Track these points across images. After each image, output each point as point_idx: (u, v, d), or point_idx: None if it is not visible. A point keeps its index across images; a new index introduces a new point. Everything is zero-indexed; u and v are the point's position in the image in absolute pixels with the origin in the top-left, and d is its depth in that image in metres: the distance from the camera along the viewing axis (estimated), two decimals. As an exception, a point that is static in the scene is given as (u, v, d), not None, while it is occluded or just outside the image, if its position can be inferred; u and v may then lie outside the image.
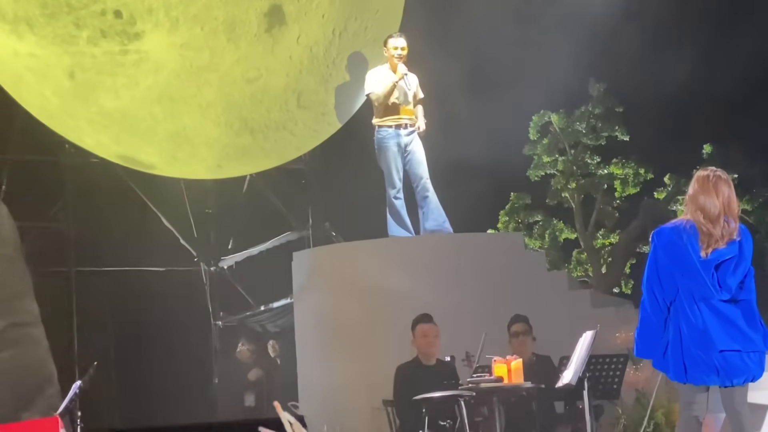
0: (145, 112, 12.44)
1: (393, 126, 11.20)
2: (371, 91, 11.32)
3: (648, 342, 6.84)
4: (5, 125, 12.66)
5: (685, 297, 6.69)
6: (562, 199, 18.03)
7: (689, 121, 16.46)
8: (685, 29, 15.51)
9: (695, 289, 6.66)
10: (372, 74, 11.41)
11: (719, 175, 6.91)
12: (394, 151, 11.20)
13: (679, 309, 6.71)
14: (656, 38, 15.62)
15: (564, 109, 17.84)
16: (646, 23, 15.22)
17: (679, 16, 15.88)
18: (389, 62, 11.31)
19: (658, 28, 15.60)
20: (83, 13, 11.83)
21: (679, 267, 6.68)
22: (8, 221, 9.69)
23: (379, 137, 11.25)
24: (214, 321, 14.40)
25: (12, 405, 8.68)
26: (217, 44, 12.55)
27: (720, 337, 6.62)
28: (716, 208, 6.71)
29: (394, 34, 11.46)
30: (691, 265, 6.66)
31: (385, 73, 11.32)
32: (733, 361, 6.65)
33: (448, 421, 8.97)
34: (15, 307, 9.39)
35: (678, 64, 15.42)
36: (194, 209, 14.38)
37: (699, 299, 6.66)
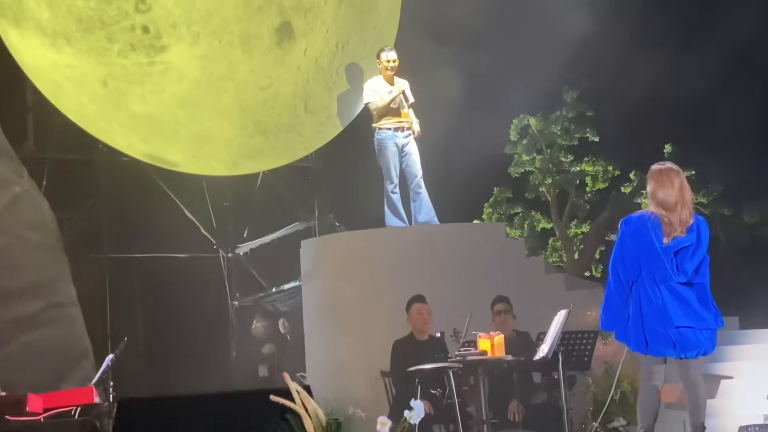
0: (169, 116, 12.43)
1: (392, 128, 11.22)
2: (370, 101, 11.32)
3: (611, 317, 6.89)
4: (46, 128, 12.64)
5: (647, 278, 6.73)
6: (540, 193, 18.04)
7: (652, 123, 16.47)
8: (649, 41, 15.52)
9: (656, 271, 6.70)
10: (369, 85, 11.41)
11: (670, 167, 6.98)
12: (393, 150, 11.21)
13: (641, 288, 6.75)
14: (623, 49, 15.63)
15: (541, 114, 17.84)
16: (615, 36, 15.22)
17: (643, 29, 15.88)
18: (382, 73, 11.32)
19: (625, 40, 15.60)
20: (114, 28, 11.82)
21: (643, 252, 6.72)
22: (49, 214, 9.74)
23: (380, 138, 11.25)
24: (231, 301, 14.41)
25: (52, 376, 8.72)
26: (234, 56, 12.54)
27: (677, 314, 6.67)
28: (672, 197, 6.76)
29: (385, 48, 11.47)
30: (654, 251, 6.70)
31: (380, 83, 11.33)
32: (688, 336, 6.69)
33: (439, 390, 8.99)
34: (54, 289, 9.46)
35: (642, 72, 15.42)
36: (213, 202, 14.37)
37: (660, 281, 6.70)
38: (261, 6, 12.66)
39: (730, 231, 17.06)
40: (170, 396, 5.97)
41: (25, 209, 10.76)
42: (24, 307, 10.39)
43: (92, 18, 11.69)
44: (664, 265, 6.68)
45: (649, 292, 6.70)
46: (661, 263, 6.68)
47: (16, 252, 10.51)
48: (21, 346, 10.13)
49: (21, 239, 10.59)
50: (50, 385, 8.99)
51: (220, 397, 5.69)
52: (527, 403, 9.34)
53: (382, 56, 11.30)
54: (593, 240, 17.85)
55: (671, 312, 6.66)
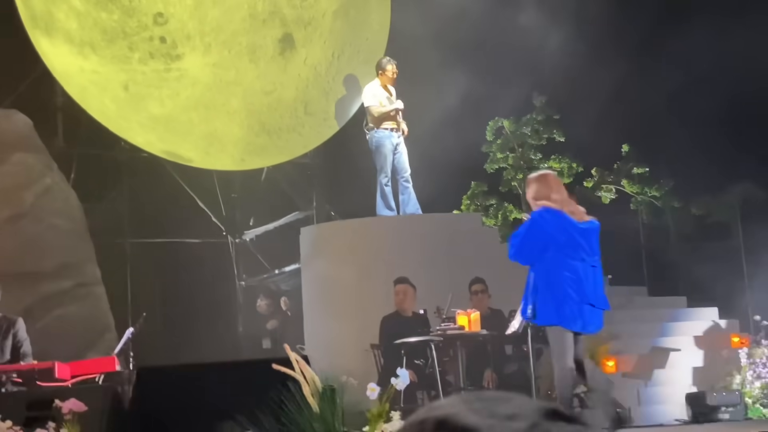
0: (184, 117, 12.39)
1: (389, 129, 11.17)
2: (370, 105, 11.25)
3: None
4: (74, 127, 12.59)
5: (562, 257, 6.68)
6: (512, 187, 17.98)
7: (612, 124, 16.46)
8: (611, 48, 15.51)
9: (574, 250, 6.68)
10: (369, 89, 11.35)
11: (545, 173, 7.15)
12: (389, 148, 11.18)
13: (556, 266, 6.68)
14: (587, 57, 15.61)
15: (513, 116, 17.81)
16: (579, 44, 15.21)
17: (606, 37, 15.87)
18: (380, 79, 11.26)
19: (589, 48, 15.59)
20: (135, 39, 11.77)
21: (563, 233, 6.69)
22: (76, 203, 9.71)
23: (378, 137, 11.19)
24: (239, 281, 14.38)
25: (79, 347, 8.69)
26: (241, 64, 12.50)
27: (589, 291, 6.66)
28: (559, 195, 6.87)
29: (390, 60, 11.39)
30: (573, 231, 6.70)
31: (380, 89, 11.29)
32: (591, 313, 6.69)
33: (422, 360, 8.99)
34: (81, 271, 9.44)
35: (604, 79, 15.41)
36: (223, 194, 14.33)
37: (577, 259, 6.69)
38: (266, 20, 12.62)
39: (680, 221, 17.07)
40: (184, 365, 5.96)
41: (54, 199, 10.73)
42: (54, 287, 10.37)
43: (115, 29, 11.64)
44: (581, 245, 6.71)
45: (567, 269, 6.67)
46: (577, 243, 6.70)
47: (47, 237, 10.48)
48: (52, 320, 10.11)
49: (51, 226, 10.55)
50: (77, 355, 8.97)
51: (228, 365, 5.68)
52: (500, 372, 9.36)
53: (388, 67, 11.24)
54: (559, 228, 17.85)
55: (586, 289, 6.64)
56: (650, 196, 17.07)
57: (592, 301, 6.64)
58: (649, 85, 15.92)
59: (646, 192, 17.09)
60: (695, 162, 16.21)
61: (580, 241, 6.68)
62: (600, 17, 15.82)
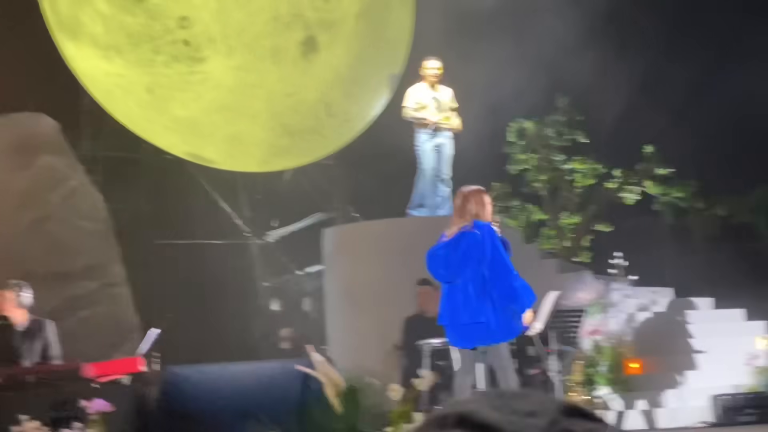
0: (207, 119, 12.46)
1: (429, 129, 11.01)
2: (404, 106, 11.08)
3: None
4: (99, 130, 12.68)
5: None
6: (535, 188, 17.97)
7: (636, 125, 16.40)
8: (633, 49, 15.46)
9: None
10: (411, 91, 11.11)
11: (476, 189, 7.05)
12: (428, 149, 11.05)
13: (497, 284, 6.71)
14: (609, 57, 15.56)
15: (536, 118, 17.79)
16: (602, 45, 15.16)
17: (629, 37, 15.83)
18: (426, 80, 11.04)
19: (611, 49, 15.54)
20: (159, 42, 11.84)
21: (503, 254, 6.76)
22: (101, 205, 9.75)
23: (418, 137, 11.07)
24: (262, 282, 14.43)
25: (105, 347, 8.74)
26: (264, 66, 12.55)
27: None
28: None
29: (430, 57, 11.12)
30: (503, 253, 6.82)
31: (421, 89, 11.05)
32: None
33: (444, 361, 8.97)
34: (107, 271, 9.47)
35: (627, 80, 15.37)
36: (246, 195, 14.39)
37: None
38: (288, 22, 12.66)
39: (705, 222, 16.99)
40: (207, 365, 6.00)
41: (80, 201, 10.81)
42: (81, 287, 10.44)
43: (140, 33, 11.72)
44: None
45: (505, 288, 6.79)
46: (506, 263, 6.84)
47: (73, 239, 10.56)
48: (78, 321, 10.18)
49: (77, 228, 10.64)
50: (103, 355, 9.03)
51: (251, 366, 5.70)
52: (523, 373, 9.33)
53: (426, 64, 11.03)
54: (582, 230, 17.80)
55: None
56: (674, 197, 16.99)
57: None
58: (673, 85, 15.86)
59: (670, 193, 17.02)
60: (719, 163, 16.12)
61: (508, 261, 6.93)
62: (622, 17, 15.77)
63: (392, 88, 13.04)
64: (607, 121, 16.01)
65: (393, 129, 12.12)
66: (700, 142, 15.68)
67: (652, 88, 15.40)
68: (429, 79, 10.98)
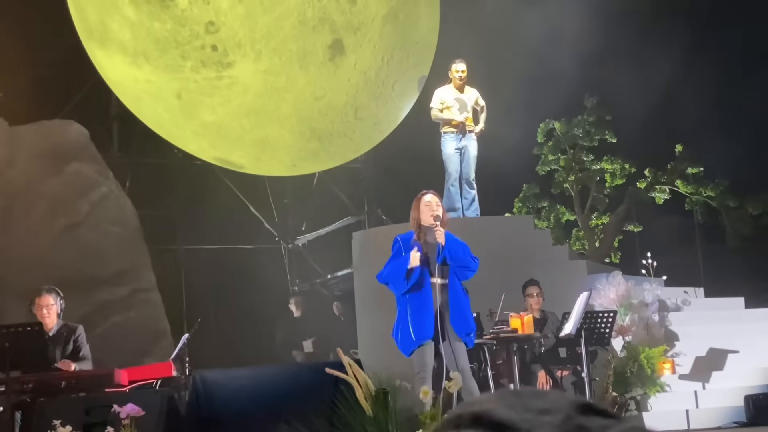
0: (236, 124, 12.50)
1: (454, 132, 11.04)
2: (431, 107, 11.14)
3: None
4: (128, 135, 12.77)
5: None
6: (564, 188, 17.91)
7: (664, 124, 16.31)
8: (659, 50, 15.37)
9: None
10: (437, 93, 11.15)
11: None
12: (452, 151, 11.07)
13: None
14: (637, 58, 15.48)
15: (564, 118, 17.73)
16: (629, 44, 15.09)
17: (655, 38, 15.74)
18: (453, 82, 11.09)
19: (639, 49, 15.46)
20: (187, 48, 11.90)
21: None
22: (131, 211, 9.81)
23: (442, 140, 11.10)
24: (292, 287, 14.44)
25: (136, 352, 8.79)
26: (292, 70, 12.58)
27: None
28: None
29: (456, 60, 11.17)
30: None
31: (448, 91, 11.09)
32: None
33: (475, 363, 8.94)
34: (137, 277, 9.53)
35: (655, 79, 15.28)
36: (275, 199, 14.43)
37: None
38: (315, 26, 12.68)
39: (736, 221, 16.84)
40: (238, 369, 6.01)
41: (110, 207, 10.88)
42: (111, 293, 10.51)
43: (168, 39, 11.78)
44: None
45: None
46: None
47: (104, 245, 10.63)
48: (110, 326, 10.25)
49: (107, 233, 10.71)
50: (135, 360, 9.09)
51: (281, 369, 5.71)
52: (554, 374, 9.29)
53: (452, 67, 11.10)
54: (612, 230, 17.70)
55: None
56: (705, 196, 16.88)
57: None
58: (702, 83, 15.74)
59: (700, 192, 16.90)
60: (750, 161, 15.98)
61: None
62: (651, 17, 15.67)
63: (420, 89, 13.04)
64: (636, 120, 15.92)
65: (422, 131, 12.11)
66: (731, 140, 15.56)
67: (681, 86, 15.30)
68: (455, 81, 11.01)
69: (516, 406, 1.00)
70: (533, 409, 1.00)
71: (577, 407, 1.01)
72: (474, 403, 1.03)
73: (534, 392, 1.03)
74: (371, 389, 4.78)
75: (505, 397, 1.02)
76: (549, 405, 1.01)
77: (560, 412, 1.00)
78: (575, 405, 1.01)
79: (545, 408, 1.00)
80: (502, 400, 1.02)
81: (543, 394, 1.03)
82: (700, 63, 15.90)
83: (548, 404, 1.01)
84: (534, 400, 1.01)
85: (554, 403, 1.01)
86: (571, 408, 1.01)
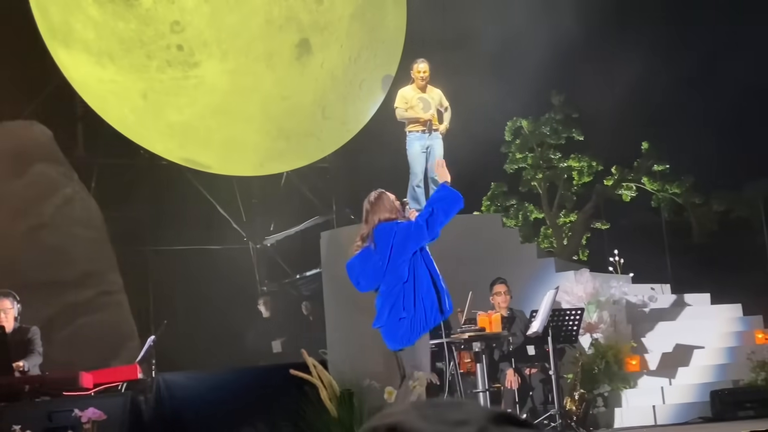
0: (202, 124, 12.42)
1: (418, 131, 11.02)
2: (396, 107, 11.11)
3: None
4: (94, 137, 12.65)
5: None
6: (532, 186, 17.94)
7: (631, 122, 16.39)
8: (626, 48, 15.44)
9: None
10: (401, 92, 11.12)
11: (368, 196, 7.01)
12: (417, 150, 11.04)
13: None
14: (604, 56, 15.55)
15: (532, 116, 17.77)
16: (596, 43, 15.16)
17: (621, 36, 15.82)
18: (415, 82, 11.07)
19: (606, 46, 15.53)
20: (153, 47, 11.81)
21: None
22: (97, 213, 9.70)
23: (407, 139, 11.08)
24: (260, 287, 14.38)
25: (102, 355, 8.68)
26: (259, 70, 12.52)
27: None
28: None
29: (418, 60, 11.15)
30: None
31: (411, 91, 11.07)
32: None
33: (443, 362, 8.93)
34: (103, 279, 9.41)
35: (621, 77, 15.35)
36: (243, 200, 14.36)
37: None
38: (282, 25, 12.63)
39: (701, 218, 16.96)
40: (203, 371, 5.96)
41: (76, 209, 10.77)
42: (77, 295, 10.41)
43: (133, 38, 11.68)
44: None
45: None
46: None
47: (69, 247, 10.53)
48: (76, 329, 10.15)
49: (73, 236, 10.60)
50: (101, 363, 8.99)
51: (247, 371, 5.66)
52: (522, 372, 9.30)
53: (414, 67, 11.08)
54: (580, 228, 17.77)
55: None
56: (671, 193, 16.97)
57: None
58: (668, 82, 15.84)
59: (666, 189, 16.99)
60: (716, 158, 16.10)
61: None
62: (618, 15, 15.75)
63: (387, 88, 13.02)
64: (603, 118, 15.99)
65: (389, 130, 12.09)
66: (696, 138, 15.67)
67: (647, 84, 15.38)
68: (417, 81, 11.02)
69: (431, 417, 0.99)
70: (449, 420, 0.99)
71: (493, 418, 1.00)
72: (390, 414, 1.01)
73: (450, 403, 1.01)
74: (336, 390, 4.75)
75: (420, 409, 1.01)
76: (464, 416, 0.99)
77: (475, 423, 0.98)
78: (491, 416, 1.00)
79: (461, 419, 0.99)
80: (418, 412, 1.00)
81: (459, 405, 1.02)
82: (666, 61, 16.00)
83: (464, 415, 0.99)
84: (450, 412, 1.00)
85: (470, 414, 1.00)
86: (485, 419, 0.99)
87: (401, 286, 6.52)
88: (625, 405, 9.45)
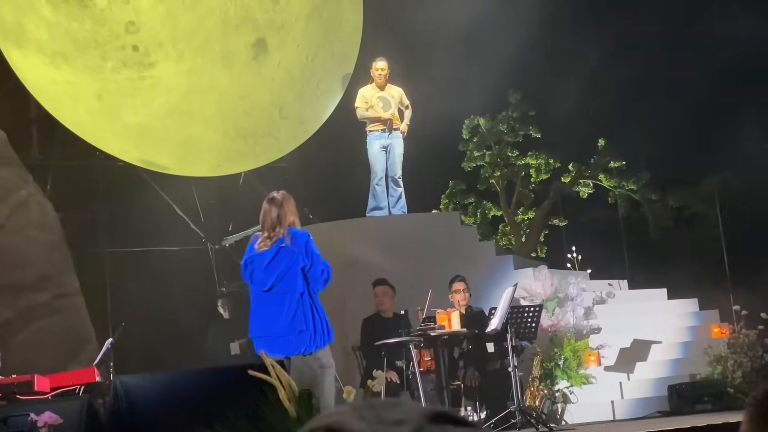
0: (159, 124, 12.33)
1: (378, 130, 11.05)
2: (357, 106, 11.14)
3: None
4: (49, 138, 12.52)
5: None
6: (490, 184, 18.04)
7: (587, 119, 16.52)
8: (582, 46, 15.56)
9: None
10: (361, 91, 11.15)
11: (275, 196, 6.86)
12: (377, 149, 11.08)
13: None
14: (560, 54, 15.66)
15: (489, 114, 17.86)
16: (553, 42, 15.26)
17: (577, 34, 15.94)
18: (374, 80, 11.10)
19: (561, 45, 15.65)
20: (107, 48, 11.70)
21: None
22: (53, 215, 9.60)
23: (368, 138, 11.12)
24: (220, 288, 14.31)
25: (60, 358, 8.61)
26: (215, 70, 12.45)
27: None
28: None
29: (377, 59, 11.19)
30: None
31: (370, 90, 11.10)
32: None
33: (403, 361, 8.96)
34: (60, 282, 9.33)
35: (577, 74, 15.47)
36: (201, 200, 14.28)
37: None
38: (238, 25, 12.57)
39: (657, 214, 17.14)
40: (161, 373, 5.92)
41: (31, 211, 10.65)
42: (34, 298, 10.29)
43: (87, 39, 11.56)
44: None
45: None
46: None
47: (25, 250, 10.41)
48: (32, 332, 10.04)
49: (28, 238, 10.48)
50: (59, 367, 8.90)
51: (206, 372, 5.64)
52: (482, 370, 9.34)
53: (373, 65, 11.11)
54: (538, 225, 17.89)
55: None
56: (627, 190, 17.14)
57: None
58: (623, 79, 15.99)
59: (623, 185, 17.15)
60: (671, 154, 16.28)
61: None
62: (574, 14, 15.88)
63: (345, 87, 13.02)
64: (560, 115, 16.12)
65: (348, 129, 12.09)
66: (652, 135, 15.84)
67: (603, 81, 15.52)
68: (377, 79, 11.05)
69: (369, 417, 1.00)
70: (386, 420, 1.00)
71: (430, 417, 1.01)
72: (328, 415, 1.03)
73: (388, 403, 1.02)
74: (295, 390, 4.74)
75: (359, 409, 1.02)
76: (402, 415, 1.00)
77: (413, 422, 0.99)
78: (428, 414, 1.01)
79: (398, 419, 1.00)
80: (356, 412, 1.01)
81: (397, 405, 1.03)
82: (621, 59, 16.16)
83: (401, 415, 1.01)
84: (387, 411, 1.01)
85: (407, 413, 1.01)
86: (423, 418, 1.01)
87: (298, 296, 6.44)
88: (584, 400, 9.53)
